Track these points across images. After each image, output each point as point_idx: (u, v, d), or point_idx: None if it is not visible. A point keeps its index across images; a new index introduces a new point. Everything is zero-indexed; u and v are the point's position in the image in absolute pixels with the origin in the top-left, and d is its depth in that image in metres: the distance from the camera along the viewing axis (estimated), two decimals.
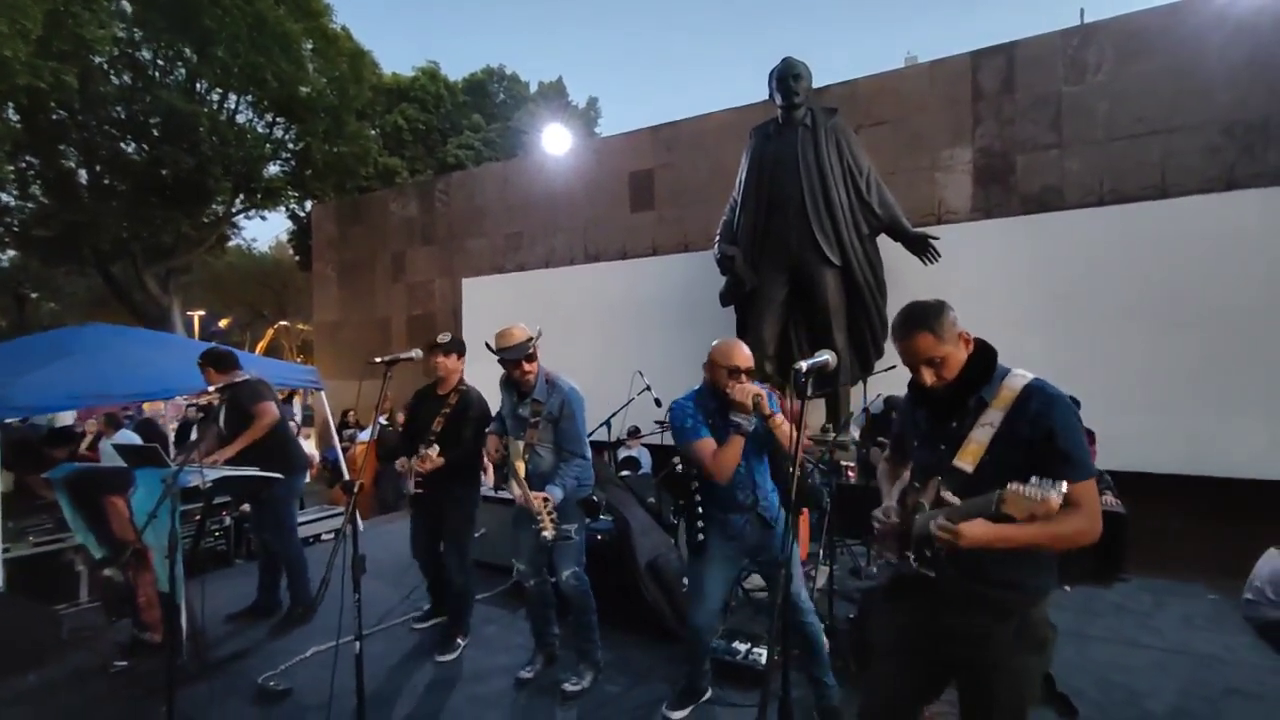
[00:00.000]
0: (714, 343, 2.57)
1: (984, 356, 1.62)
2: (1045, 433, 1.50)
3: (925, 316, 1.59)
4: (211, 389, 3.41)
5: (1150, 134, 5.53)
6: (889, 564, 1.78)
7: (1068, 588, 4.13)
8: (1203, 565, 4.45)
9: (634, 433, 6.33)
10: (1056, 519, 1.45)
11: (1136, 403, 5.14)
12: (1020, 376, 1.58)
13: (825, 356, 1.69)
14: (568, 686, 2.99)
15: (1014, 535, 1.43)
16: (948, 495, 1.54)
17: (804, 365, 1.63)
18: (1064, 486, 1.30)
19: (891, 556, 1.73)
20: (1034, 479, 1.32)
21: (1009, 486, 1.35)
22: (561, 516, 2.91)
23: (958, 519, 1.45)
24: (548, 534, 2.68)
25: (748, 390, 2.33)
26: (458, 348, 3.48)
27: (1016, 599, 1.60)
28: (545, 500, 2.72)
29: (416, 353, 2.82)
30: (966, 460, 1.54)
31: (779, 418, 2.39)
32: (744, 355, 2.46)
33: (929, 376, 1.59)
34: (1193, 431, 5.01)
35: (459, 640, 3.53)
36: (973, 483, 1.53)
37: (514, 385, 3.03)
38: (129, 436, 6.11)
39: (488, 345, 2.98)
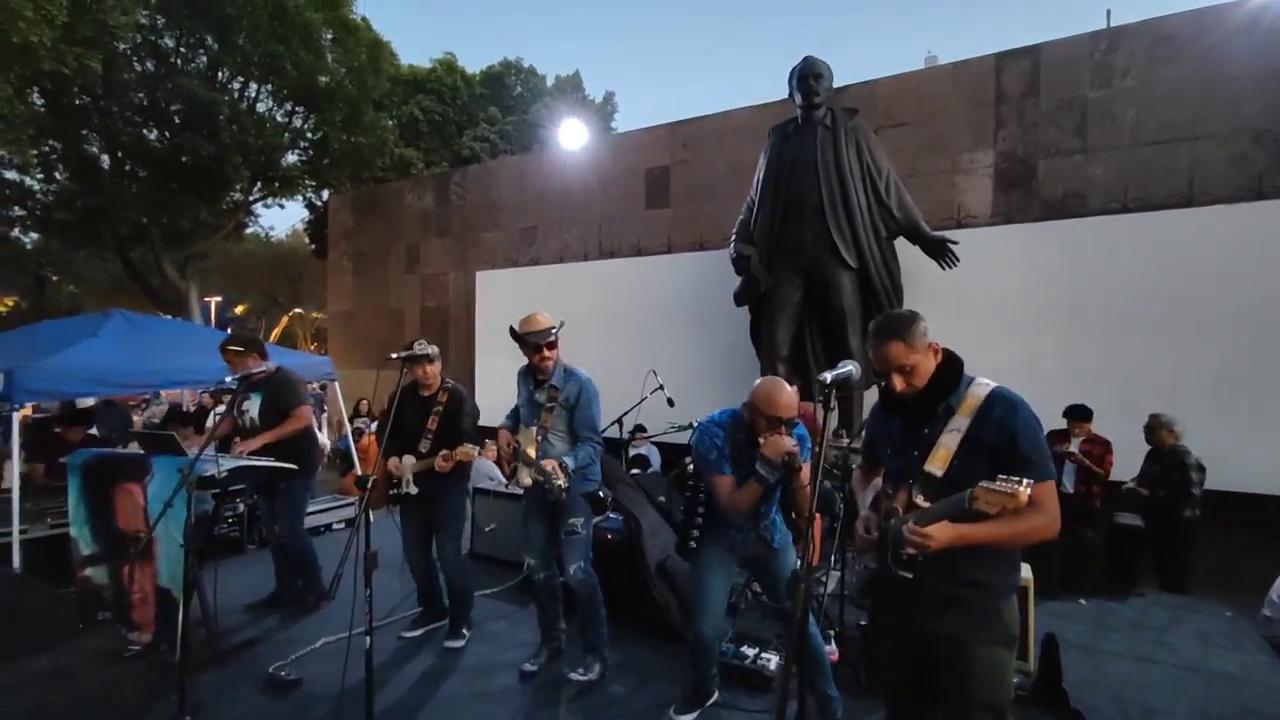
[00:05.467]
0: (756, 382, 2.43)
1: (951, 366, 1.71)
2: (1009, 437, 1.59)
3: (897, 326, 1.68)
4: (231, 378, 3.41)
5: (1177, 140, 5.43)
6: (866, 568, 1.85)
7: (1083, 600, 4.09)
8: (1220, 582, 4.39)
9: (639, 429, 6.30)
10: (1018, 517, 1.54)
11: None
12: (984, 385, 1.68)
13: (849, 368, 1.67)
14: (575, 675, 3.02)
15: (979, 534, 1.52)
16: (919, 500, 1.62)
17: (828, 376, 1.61)
18: (1029, 482, 1.37)
19: (871, 563, 1.80)
20: (1001, 476, 1.40)
21: (980, 484, 1.42)
22: (569, 510, 2.96)
23: (929, 521, 1.52)
24: (560, 482, 2.71)
25: (781, 446, 2.24)
26: (437, 355, 3.38)
27: (987, 597, 1.67)
28: (559, 464, 2.77)
29: (434, 349, 2.83)
30: (936, 465, 1.62)
31: (804, 475, 2.26)
32: (787, 405, 2.32)
33: (899, 383, 1.69)
34: (1211, 445, 4.91)
35: (464, 630, 3.56)
36: (942, 486, 1.60)
37: (532, 372, 3.09)
38: None
39: (512, 330, 3.02)
